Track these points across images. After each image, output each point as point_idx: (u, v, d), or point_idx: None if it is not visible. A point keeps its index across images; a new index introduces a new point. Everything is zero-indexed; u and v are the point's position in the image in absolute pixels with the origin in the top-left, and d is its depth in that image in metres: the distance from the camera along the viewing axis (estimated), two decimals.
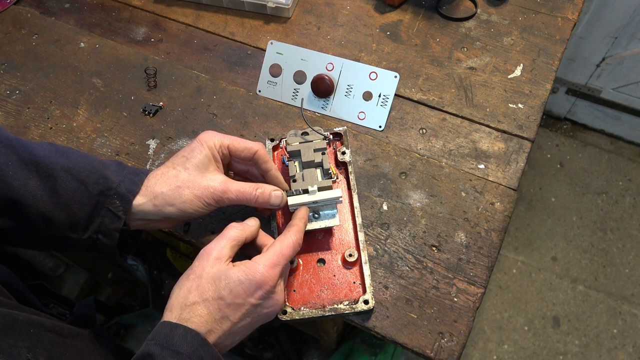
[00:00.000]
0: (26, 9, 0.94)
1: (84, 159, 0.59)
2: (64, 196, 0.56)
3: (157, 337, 0.49)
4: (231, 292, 0.52)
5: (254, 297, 0.53)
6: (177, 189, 0.57)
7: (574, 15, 0.88)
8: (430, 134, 0.77)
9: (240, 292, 0.52)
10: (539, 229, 1.81)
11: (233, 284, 0.52)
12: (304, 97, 0.80)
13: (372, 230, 0.69)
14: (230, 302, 0.52)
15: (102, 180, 0.57)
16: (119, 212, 0.57)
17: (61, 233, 0.57)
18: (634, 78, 1.67)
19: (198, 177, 0.58)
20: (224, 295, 0.52)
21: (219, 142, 0.61)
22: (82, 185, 0.56)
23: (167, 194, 0.57)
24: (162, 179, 0.58)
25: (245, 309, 0.53)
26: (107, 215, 0.57)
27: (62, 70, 0.86)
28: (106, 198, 0.57)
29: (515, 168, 0.74)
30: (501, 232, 0.69)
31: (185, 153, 0.60)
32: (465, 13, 0.90)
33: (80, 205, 0.56)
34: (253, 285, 0.52)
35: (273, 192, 0.61)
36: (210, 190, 0.58)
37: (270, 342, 1.44)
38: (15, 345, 0.48)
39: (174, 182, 0.58)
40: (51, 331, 0.53)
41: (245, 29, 0.90)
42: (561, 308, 1.68)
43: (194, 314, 0.51)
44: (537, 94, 0.80)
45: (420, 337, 0.62)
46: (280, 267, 0.55)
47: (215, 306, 0.51)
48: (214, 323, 0.51)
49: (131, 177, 0.58)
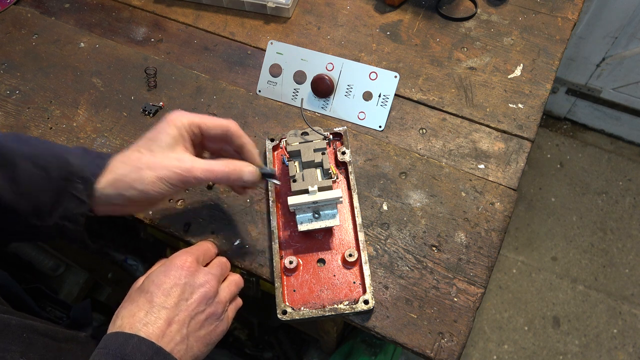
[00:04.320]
0: (26, 9, 0.94)
1: (47, 146, 0.58)
2: (24, 184, 0.54)
3: (110, 347, 0.47)
4: (154, 283, 0.53)
5: (178, 277, 0.54)
6: (139, 170, 0.55)
7: (574, 15, 0.88)
8: (430, 134, 0.77)
9: (162, 278, 0.54)
10: (539, 229, 1.81)
11: (155, 277, 0.54)
12: (304, 97, 0.80)
13: (372, 230, 0.69)
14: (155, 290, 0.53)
15: (65, 165, 0.56)
16: (83, 196, 0.55)
17: (27, 222, 0.56)
18: (634, 78, 1.67)
19: (162, 158, 0.56)
20: (150, 289, 0.53)
21: (189, 121, 0.58)
22: (44, 171, 0.55)
23: (128, 177, 0.55)
24: (124, 162, 0.57)
25: (176, 293, 0.53)
26: (71, 200, 0.55)
27: (62, 70, 0.86)
28: (69, 183, 0.55)
29: (515, 168, 0.74)
30: (501, 232, 0.69)
31: (151, 135, 0.58)
32: (465, 13, 0.90)
33: (43, 192, 0.55)
34: (170, 267, 0.55)
35: (246, 167, 0.58)
36: (173, 170, 0.55)
37: (270, 342, 1.44)
38: (7, 349, 0.48)
39: (136, 164, 0.56)
40: (45, 335, 0.53)
41: (245, 29, 0.90)
42: (561, 308, 1.68)
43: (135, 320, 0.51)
44: (537, 94, 0.80)
45: (420, 337, 0.62)
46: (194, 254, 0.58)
47: (145, 300, 0.52)
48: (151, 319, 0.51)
49: (95, 161, 0.57)
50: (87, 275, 1.46)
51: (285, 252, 0.67)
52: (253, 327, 1.45)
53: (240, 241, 0.69)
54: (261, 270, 0.67)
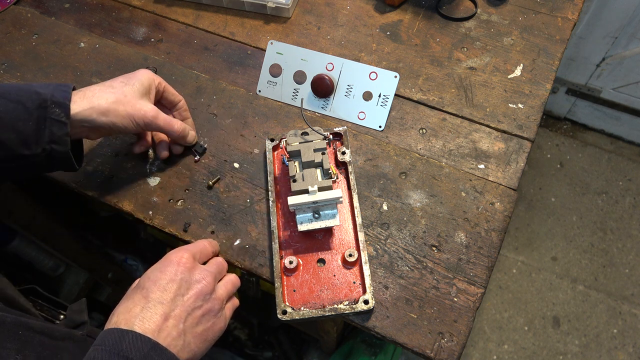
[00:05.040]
0: (26, 9, 0.94)
1: (13, 85, 0.63)
2: (5, 118, 0.59)
3: (106, 343, 0.48)
4: (150, 279, 0.54)
5: (174, 273, 0.54)
6: (115, 103, 0.63)
7: (574, 15, 0.88)
8: (430, 134, 0.77)
9: (158, 274, 0.54)
10: (539, 229, 1.81)
11: (150, 273, 0.55)
12: (304, 97, 0.80)
13: (372, 230, 0.69)
14: (152, 286, 0.53)
15: (35, 96, 0.60)
16: (62, 118, 0.60)
17: (16, 153, 0.59)
18: (634, 78, 1.67)
19: (135, 100, 0.65)
20: (147, 286, 0.53)
21: (158, 80, 0.70)
22: (19, 104, 0.60)
23: (103, 106, 0.63)
24: (100, 93, 0.64)
25: (173, 288, 0.53)
26: (54, 124, 0.60)
27: (62, 70, 0.86)
28: (45, 110, 0.60)
29: (515, 168, 0.74)
30: (501, 232, 0.69)
31: (124, 79, 0.67)
32: (465, 13, 0.90)
33: (25, 122, 0.59)
34: (166, 263, 0.55)
35: (190, 130, 0.73)
36: (142, 112, 0.65)
37: (270, 342, 1.44)
38: (3, 346, 0.48)
39: (111, 97, 0.64)
40: (41, 333, 0.53)
41: (245, 29, 0.90)
42: (561, 308, 1.68)
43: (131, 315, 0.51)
44: (537, 94, 0.80)
45: (420, 337, 0.62)
46: (191, 251, 0.59)
47: (141, 296, 0.52)
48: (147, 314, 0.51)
49: (59, 88, 0.62)
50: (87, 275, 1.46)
51: (285, 252, 0.67)
52: (253, 327, 1.45)
53: (240, 241, 0.69)
54: (261, 270, 0.67)
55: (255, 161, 0.76)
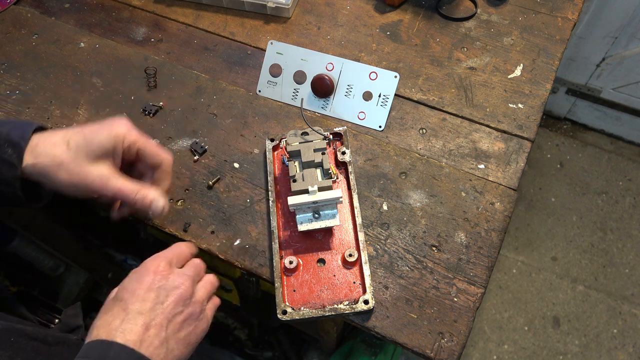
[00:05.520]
0: (26, 9, 0.94)
1: None
2: None
3: (90, 355, 0.47)
4: (127, 290, 0.52)
5: (151, 282, 0.53)
6: (58, 166, 0.56)
7: (574, 15, 0.88)
8: (430, 134, 0.77)
9: (135, 284, 0.53)
10: (539, 229, 1.81)
11: (127, 284, 0.53)
12: (304, 97, 0.80)
13: (372, 230, 0.69)
14: (129, 297, 0.52)
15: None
16: (13, 159, 0.56)
17: None
18: (634, 78, 1.67)
19: (84, 163, 0.57)
20: (125, 297, 0.52)
21: (130, 141, 0.60)
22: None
23: (46, 167, 0.56)
24: (50, 150, 0.57)
25: (151, 297, 0.52)
26: (3, 164, 0.56)
27: (62, 70, 0.86)
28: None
29: (515, 168, 0.74)
30: (501, 232, 0.69)
31: (87, 131, 0.59)
32: (465, 13, 0.90)
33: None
34: (143, 272, 0.54)
35: (154, 200, 0.61)
36: (87, 181, 0.57)
37: (270, 342, 1.44)
38: None
39: (58, 159, 0.56)
40: (35, 339, 0.53)
41: (245, 29, 0.90)
42: (561, 308, 1.68)
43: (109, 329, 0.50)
44: (537, 94, 0.80)
45: (420, 337, 0.62)
46: (167, 257, 0.57)
47: (120, 308, 0.51)
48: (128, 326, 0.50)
49: (19, 126, 0.58)
50: (87, 275, 1.46)
51: (285, 252, 0.67)
52: (253, 327, 1.45)
53: (240, 241, 0.69)
54: (261, 270, 0.67)
55: (255, 161, 0.76)
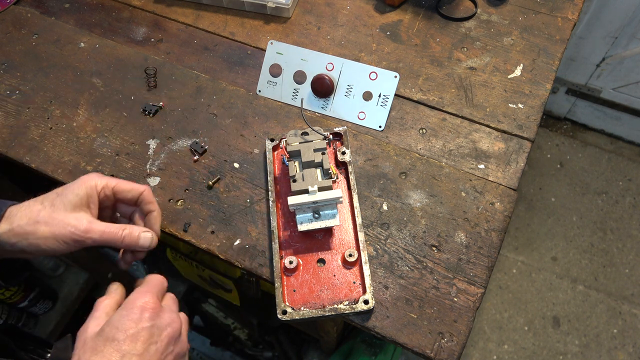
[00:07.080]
0: (26, 9, 0.94)
1: None
2: None
3: None
4: (118, 329, 0.50)
5: (144, 320, 0.51)
6: (35, 224, 0.55)
7: (574, 15, 0.88)
8: (430, 134, 0.77)
9: (127, 323, 0.50)
10: (539, 229, 1.81)
11: (118, 322, 0.50)
12: (304, 97, 0.80)
13: (372, 230, 0.69)
14: (122, 336, 0.50)
15: None
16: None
17: None
18: (634, 78, 1.67)
19: (62, 214, 0.56)
20: (117, 337, 0.49)
21: (103, 184, 0.60)
22: None
23: (23, 227, 0.55)
24: (25, 212, 0.56)
25: (144, 337, 0.51)
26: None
27: (62, 70, 0.86)
28: None
29: (515, 168, 0.74)
30: (501, 232, 0.69)
31: (59, 190, 0.59)
32: (465, 13, 0.90)
33: None
34: (133, 310, 0.51)
35: (142, 233, 0.60)
36: (69, 229, 0.56)
37: (270, 342, 1.44)
38: None
39: (34, 216, 0.56)
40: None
41: (245, 29, 0.90)
42: (561, 308, 1.68)
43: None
44: (537, 94, 0.80)
45: (420, 337, 0.62)
46: (154, 292, 0.55)
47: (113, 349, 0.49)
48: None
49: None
50: (87, 275, 1.46)
51: (285, 252, 0.67)
52: (253, 327, 1.45)
53: (240, 241, 0.69)
54: (261, 270, 0.67)
55: (255, 161, 0.76)
